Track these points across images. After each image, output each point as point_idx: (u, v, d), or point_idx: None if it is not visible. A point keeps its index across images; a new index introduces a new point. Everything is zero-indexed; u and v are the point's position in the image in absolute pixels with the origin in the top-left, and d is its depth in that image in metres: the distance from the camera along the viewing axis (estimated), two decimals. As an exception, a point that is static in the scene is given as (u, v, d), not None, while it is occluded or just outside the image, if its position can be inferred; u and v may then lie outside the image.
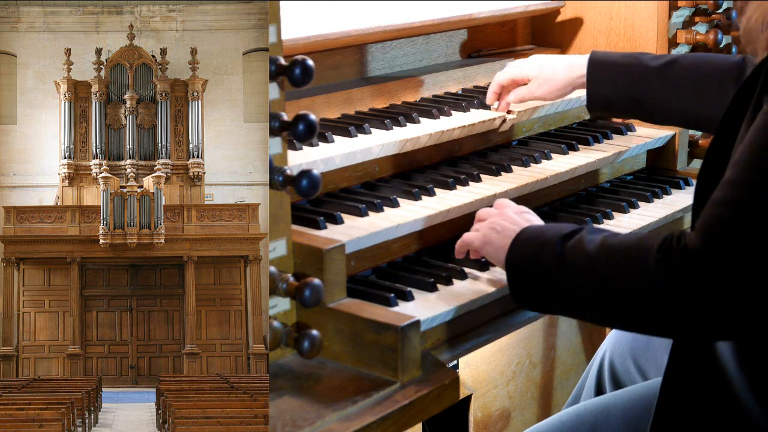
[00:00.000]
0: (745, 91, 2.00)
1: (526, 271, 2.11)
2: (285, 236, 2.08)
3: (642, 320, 1.94)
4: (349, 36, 2.82)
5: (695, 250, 1.82)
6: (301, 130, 1.94)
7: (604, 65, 2.83)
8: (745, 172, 1.83)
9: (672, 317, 1.87)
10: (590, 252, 1.99)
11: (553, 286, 2.05)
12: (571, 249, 2.02)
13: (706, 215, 1.85)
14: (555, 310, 2.14)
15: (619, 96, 2.82)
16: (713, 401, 2.11)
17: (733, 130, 1.98)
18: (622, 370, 2.93)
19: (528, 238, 2.14)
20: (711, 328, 1.86)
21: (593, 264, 1.98)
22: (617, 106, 2.85)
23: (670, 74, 2.77)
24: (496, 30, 3.54)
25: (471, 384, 3.44)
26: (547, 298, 2.09)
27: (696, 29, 3.38)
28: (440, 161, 2.84)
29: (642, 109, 2.82)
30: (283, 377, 2.02)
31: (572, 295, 2.02)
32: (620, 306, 1.95)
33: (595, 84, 2.84)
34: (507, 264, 2.16)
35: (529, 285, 2.11)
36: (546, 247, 2.06)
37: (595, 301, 1.99)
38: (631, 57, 2.84)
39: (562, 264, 2.02)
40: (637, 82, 2.79)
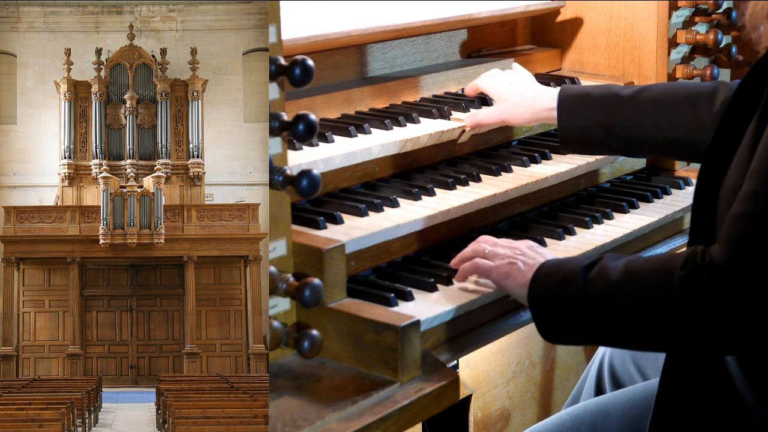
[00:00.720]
0: (748, 88, 1.99)
1: (551, 307, 2.09)
2: (285, 236, 2.08)
3: (672, 339, 1.93)
4: (349, 36, 2.82)
5: (721, 265, 1.82)
6: (301, 130, 1.94)
7: (575, 97, 2.75)
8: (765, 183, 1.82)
9: (701, 333, 1.87)
10: (614, 279, 1.98)
11: (579, 318, 2.03)
12: (593, 279, 2.01)
13: (729, 229, 1.85)
14: (583, 341, 2.13)
15: (590, 125, 2.73)
16: (713, 398, 2.10)
17: (736, 129, 1.97)
18: (622, 370, 2.93)
19: (549, 272, 2.11)
20: (740, 343, 1.87)
21: (618, 290, 1.97)
22: (588, 139, 2.75)
23: (641, 100, 2.70)
24: (496, 30, 3.54)
25: (471, 384, 3.44)
26: (574, 331, 2.07)
27: (696, 29, 3.38)
28: (440, 161, 2.84)
29: (614, 140, 2.73)
30: (283, 377, 2.02)
31: (599, 324, 2.01)
32: (649, 328, 1.94)
33: (564, 116, 2.75)
34: (530, 300, 2.13)
35: (556, 319, 2.09)
36: (569, 280, 2.05)
37: (624, 326, 1.98)
38: (602, 88, 2.78)
39: (586, 295, 2.01)
40: (609, 111, 2.71)
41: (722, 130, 2.03)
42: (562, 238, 2.63)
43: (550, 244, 2.60)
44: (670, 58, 3.35)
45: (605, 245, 2.63)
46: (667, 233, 2.93)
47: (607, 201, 2.93)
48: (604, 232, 2.71)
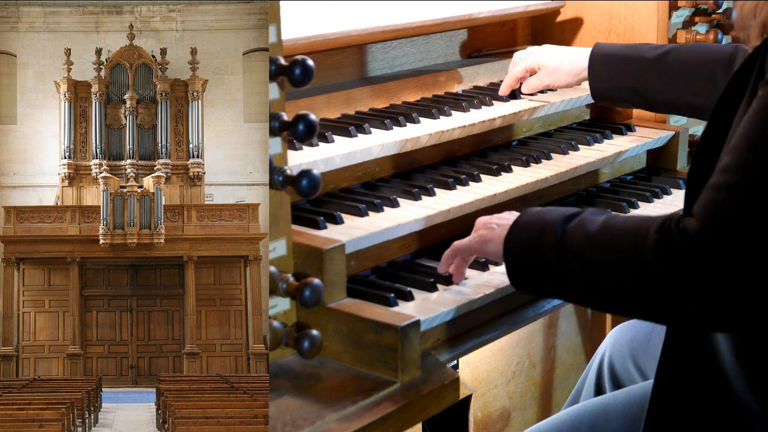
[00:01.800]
0: (739, 79, 2.00)
1: (524, 253, 2.07)
2: (285, 236, 2.08)
3: (639, 303, 1.92)
4: (349, 36, 2.82)
5: (695, 233, 1.81)
6: (301, 130, 1.94)
7: (604, 58, 2.98)
8: (744, 156, 1.82)
9: (669, 301, 1.86)
10: (590, 233, 1.97)
11: (551, 268, 2.02)
12: (571, 230, 2.00)
13: (704, 199, 1.84)
14: (552, 294, 2.11)
15: (618, 87, 2.97)
16: (708, 394, 2.10)
17: (727, 118, 1.98)
18: (622, 370, 2.93)
19: (529, 221, 2.10)
20: (709, 314, 1.84)
21: (592, 244, 1.96)
22: (618, 96, 3.01)
23: (664, 64, 2.88)
24: (496, 30, 3.54)
25: (471, 384, 3.44)
26: (545, 281, 2.05)
27: (696, 29, 3.38)
28: (440, 161, 2.84)
29: (640, 99, 2.97)
30: (283, 377, 2.02)
31: (570, 277, 1.99)
32: (617, 288, 1.93)
33: (595, 76, 3.00)
34: (505, 246, 2.11)
35: (528, 267, 2.07)
36: (546, 229, 2.03)
37: (593, 282, 1.96)
38: (630, 48, 2.98)
39: (561, 245, 2.00)
40: (634, 73, 2.93)
41: (715, 118, 2.04)
42: (562, 238, 2.63)
43: (550, 244, 2.59)
44: (670, 58, 3.35)
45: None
46: (667, 233, 2.93)
47: (607, 201, 2.93)
48: (604, 232, 2.70)
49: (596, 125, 3.31)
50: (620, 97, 3.00)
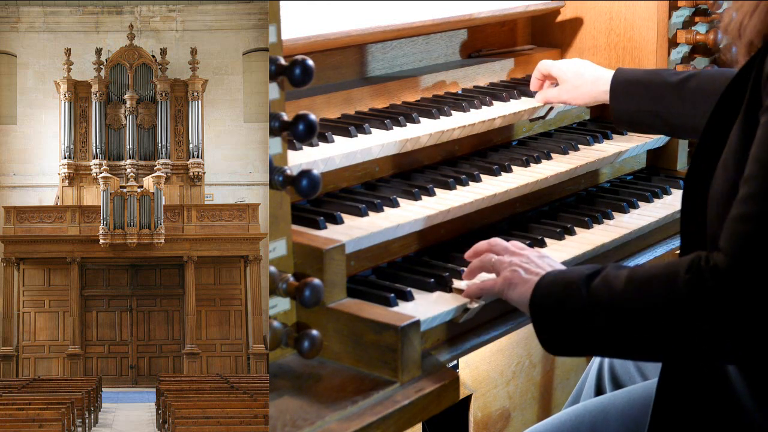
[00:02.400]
0: (732, 93, 2.00)
1: (553, 317, 2.06)
2: (285, 236, 2.08)
3: (677, 346, 1.92)
4: (349, 36, 2.82)
5: (725, 267, 1.81)
6: (301, 130, 1.94)
7: (627, 82, 2.96)
8: (762, 184, 1.82)
9: (707, 339, 1.86)
10: (617, 287, 1.96)
11: (582, 328, 2.01)
12: (596, 288, 1.99)
13: (730, 232, 1.85)
14: (586, 352, 2.11)
15: (640, 111, 2.95)
16: (711, 400, 2.10)
17: (721, 130, 1.99)
18: (622, 370, 2.93)
19: (551, 282, 2.09)
20: (745, 348, 1.85)
21: (621, 298, 1.95)
22: (640, 121, 2.98)
23: (686, 89, 2.86)
24: (496, 30, 3.54)
25: (471, 384, 3.44)
26: (577, 341, 2.04)
27: (696, 29, 3.38)
28: (440, 161, 2.83)
29: (662, 124, 2.95)
30: (283, 377, 2.02)
31: (602, 334, 1.98)
32: (654, 336, 1.92)
33: (617, 100, 2.98)
34: (531, 310, 2.10)
35: (558, 330, 2.05)
36: (571, 289, 2.02)
37: (628, 335, 1.95)
38: (652, 74, 2.96)
39: (589, 304, 1.99)
40: (656, 97, 2.91)
41: (710, 129, 2.04)
42: (562, 238, 2.63)
43: (550, 244, 2.60)
44: (670, 58, 3.35)
45: (605, 245, 2.63)
46: (667, 233, 2.93)
47: (607, 201, 2.93)
48: (604, 232, 2.70)
49: (596, 125, 3.30)
50: (643, 122, 2.97)
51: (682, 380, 2.13)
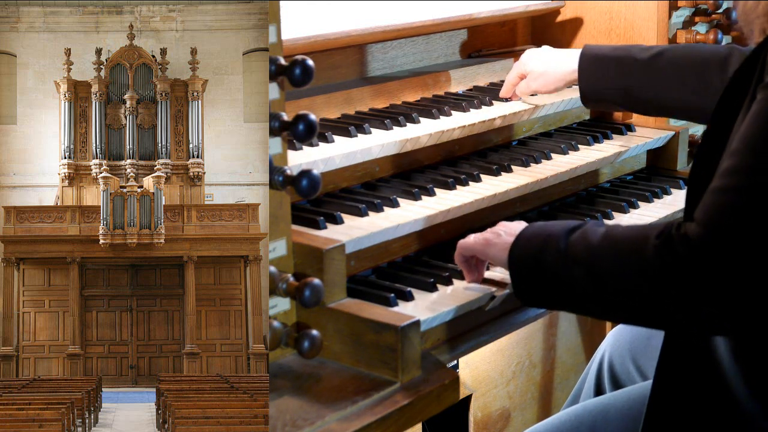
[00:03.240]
0: (739, 80, 2.00)
1: (528, 266, 2.08)
2: (285, 236, 2.08)
3: (642, 310, 1.92)
4: (349, 36, 2.82)
5: (697, 237, 1.81)
6: (301, 130, 1.94)
7: (595, 59, 2.91)
8: (745, 159, 1.82)
9: (672, 306, 1.85)
10: (593, 243, 1.97)
11: (555, 279, 2.02)
12: (574, 242, 2.00)
13: (706, 203, 1.84)
14: (557, 305, 2.11)
15: (609, 88, 2.90)
16: (707, 395, 2.10)
17: (728, 119, 1.98)
18: (622, 370, 2.93)
19: (532, 234, 2.11)
20: (712, 318, 1.84)
21: (594, 254, 1.96)
22: (608, 98, 2.93)
23: (655, 65, 2.83)
24: (496, 30, 3.54)
25: (471, 384, 3.44)
26: (549, 293, 2.06)
27: (696, 29, 3.38)
28: (440, 161, 2.84)
29: (631, 100, 2.91)
30: (283, 377, 2.02)
31: (575, 287, 1.99)
32: (620, 295, 1.92)
33: (586, 78, 2.93)
34: (509, 259, 2.12)
35: (532, 280, 2.08)
36: (550, 241, 2.04)
37: (596, 291, 1.96)
38: (621, 49, 2.91)
39: (565, 257, 2.00)
40: (625, 74, 2.86)
41: (716, 119, 2.03)
42: (562, 238, 2.63)
43: (550, 244, 2.60)
44: (670, 58, 3.34)
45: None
46: (667, 233, 2.93)
47: (607, 201, 2.93)
48: (604, 232, 2.70)
49: (596, 125, 3.30)
50: (610, 99, 2.93)
51: (678, 376, 2.12)
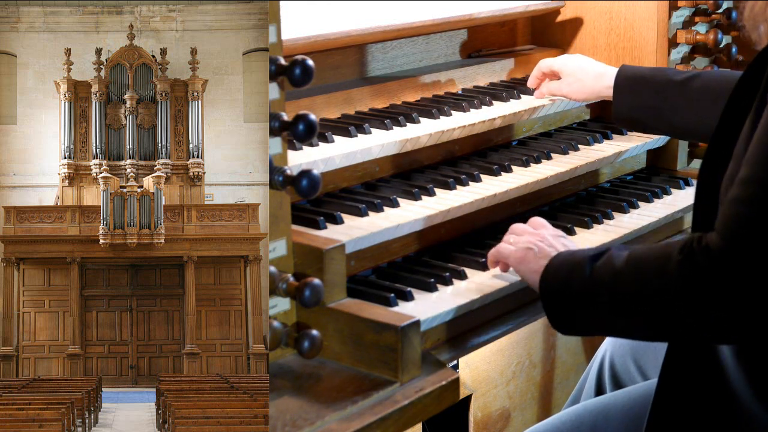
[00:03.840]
0: (747, 82, 2.00)
1: (560, 297, 2.10)
2: (285, 236, 2.08)
3: (670, 327, 1.94)
4: (349, 36, 2.82)
5: (717, 249, 1.82)
6: (301, 130, 1.94)
7: (631, 78, 2.94)
8: (759, 169, 1.83)
9: (698, 320, 1.87)
10: (617, 266, 1.99)
11: (586, 306, 2.04)
12: (599, 267, 2.02)
13: (725, 214, 1.85)
14: (591, 331, 2.14)
15: (642, 107, 2.91)
16: (710, 395, 2.11)
17: (735, 122, 1.98)
18: (622, 370, 2.93)
19: (560, 263, 2.13)
20: (737, 329, 1.86)
21: (620, 277, 1.98)
22: (640, 119, 2.95)
23: (691, 88, 2.83)
24: (496, 30, 3.54)
25: (471, 384, 3.44)
26: (583, 320, 2.08)
27: (696, 29, 3.38)
28: (440, 161, 2.84)
29: (664, 123, 2.91)
30: (283, 377, 2.02)
31: (605, 312, 2.01)
32: (648, 315, 1.95)
33: (620, 95, 2.95)
34: (540, 290, 2.15)
35: (565, 309, 2.10)
36: (576, 270, 2.06)
37: (626, 313, 1.98)
38: (656, 71, 2.94)
39: (592, 283, 2.02)
40: (659, 95, 2.88)
41: (724, 121, 2.04)
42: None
43: (550, 244, 2.60)
44: (670, 58, 3.35)
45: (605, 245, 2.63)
46: (667, 233, 2.93)
47: (607, 201, 2.93)
48: (604, 233, 2.71)
49: (596, 125, 3.31)
50: (643, 120, 2.94)
51: (682, 377, 2.13)
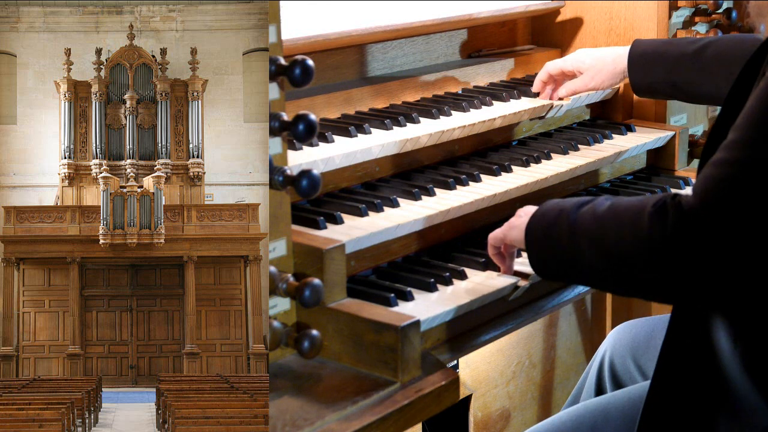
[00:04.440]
0: (752, 66, 2.01)
1: (540, 240, 2.13)
2: (285, 236, 2.08)
3: (640, 280, 1.93)
4: (349, 36, 2.82)
5: (690, 206, 1.82)
6: (301, 130, 1.94)
7: (643, 54, 3.00)
8: (745, 133, 1.83)
9: (666, 275, 1.87)
10: (598, 214, 2.00)
11: (564, 251, 2.07)
12: (582, 214, 2.04)
13: (704, 174, 1.85)
14: (571, 278, 2.17)
15: (658, 81, 2.99)
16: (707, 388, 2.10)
17: (739, 101, 1.99)
18: (622, 370, 2.93)
19: (548, 209, 2.16)
20: (702, 288, 1.85)
21: (599, 225, 1.99)
22: (659, 90, 3.04)
23: (703, 57, 2.89)
24: (496, 30, 3.54)
25: (471, 384, 3.44)
26: (562, 266, 2.10)
27: (696, 29, 3.38)
28: (440, 161, 2.84)
29: (680, 92, 2.99)
30: (283, 377, 2.02)
31: (580, 258, 2.03)
32: (620, 265, 1.95)
33: (635, 72, 3.02)
34: (526, 233, 2.17)
35: (545, 252, 2.13)
36: (562, 215, 2.09)
37: (600, 262, 1.99)
38: (668, 44, 3.01)
39: (573, 229, 2.04)
40: (673, 67, 2.95)
41: (728, 105, 2.05)
42: (562, 238, 2.63)
43: (550, 244, 2.60)
44: (670, 58, 3.35)
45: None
46: (667, 233, 2.93)
47: (607, 201, 2.93)
48: (604, 232, 2.70)
49: (596, 125, 3.31)
50: (660, 91, 3.03)
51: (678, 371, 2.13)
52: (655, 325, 2.84)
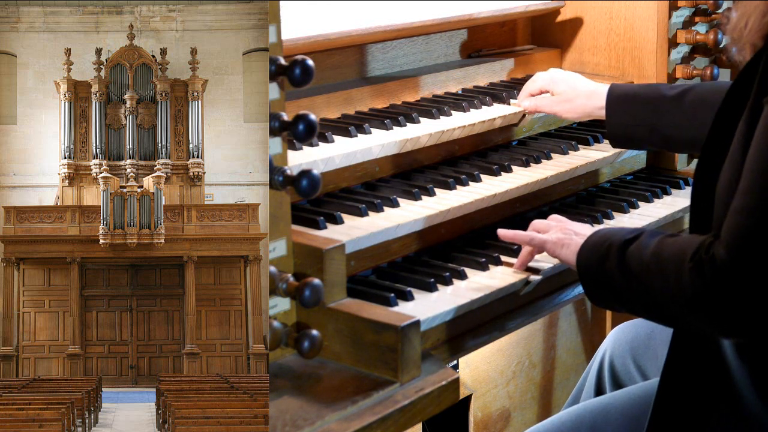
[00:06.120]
0: (739, 88, 2.03)
1: (594, 275, 2.22)
2: (285, 236, 2.08)
3: (684, 323, 2.08)
4: (349, 36, 2.82)
5: (721, 260, 1.91)
6: (301, 130, 1.94)
7: (623, 96, 2.91)
8: (757, 179, 1.90)
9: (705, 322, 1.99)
10: (644, 258, 2.09)
11: (617, 288, 2.16)
12: (630, 254, 2.13)
13: (729, 225, 1.93)
14: (623, 310, 2.25)
15: (637, 124, 2.89)
16: (713, 395, 2.14)
17: (729, 124, 2.04)
18: (622, 370, 2.93)
19: (596, 242, 2.23)
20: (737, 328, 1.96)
21: (645, 269, 2.09)
22: (636, 134, 2.91)
23: (684, 102, 2.83)
24: (496, 30, 3.54)
25: (471, 384, 3.44)
26: (614, 300, 2.21)
27: (696, 29, 3.38)
28: (440, 161, 2.84)
29: (659, 139, 2.88)
30: (283, 377, 2.02)
31: (632, 296, 2.14)
32: (666, 309, 2.07)
33: (613, 114, 2.90)
34: (578, 267, 2.26)
35: (598, 287, 2.22)
36: (611, 252, 2.17)
37: (648, 303, 2.10)
38: (648, 87, 2.92)
39: (622, 269, 2.13)
40: (653, 111, 2.86)
41: (717, 125, 2.09)
42: (562, 238, 2.63)
43: (550, 244, 2.60)
44: (670, 58, 3.35)
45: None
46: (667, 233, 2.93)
47: (607, 201, 2.93)
48: (604, 232, 2.70)
49: (596, 125, 3.30)
50: (638, 136, 2.90)
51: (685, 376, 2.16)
52: (655, 325, 2.84)
